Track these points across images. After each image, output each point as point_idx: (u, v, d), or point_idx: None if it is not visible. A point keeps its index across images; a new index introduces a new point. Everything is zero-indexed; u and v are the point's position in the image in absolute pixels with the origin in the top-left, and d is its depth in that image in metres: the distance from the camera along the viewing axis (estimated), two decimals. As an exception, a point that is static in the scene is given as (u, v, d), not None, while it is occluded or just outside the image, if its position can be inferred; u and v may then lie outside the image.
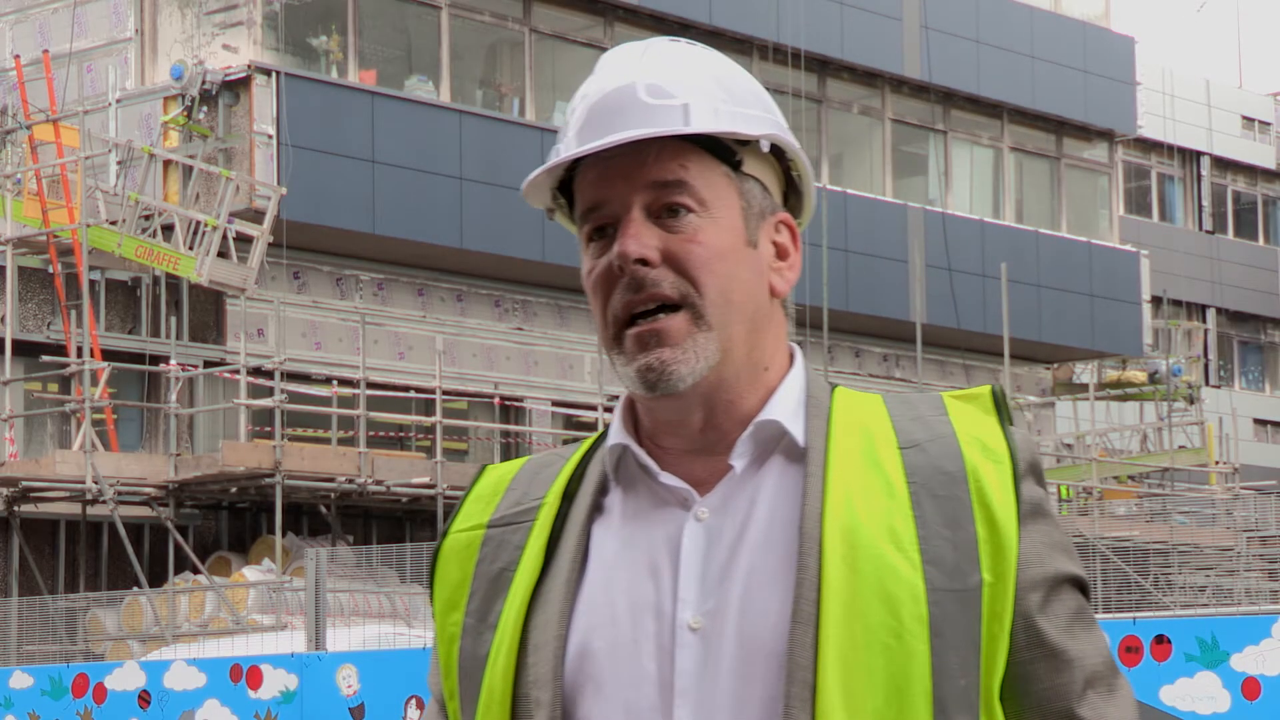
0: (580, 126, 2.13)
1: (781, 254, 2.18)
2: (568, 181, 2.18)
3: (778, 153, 2.19)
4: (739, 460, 2.12)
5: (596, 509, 2.17)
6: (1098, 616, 7.41)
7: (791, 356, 2.19)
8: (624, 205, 2.11)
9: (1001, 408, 2.18)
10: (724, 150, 2.13)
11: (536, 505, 2.20)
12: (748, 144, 2.15)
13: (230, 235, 21.76)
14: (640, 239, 2.09)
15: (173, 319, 22.85)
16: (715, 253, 2.11)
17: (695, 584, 2.09)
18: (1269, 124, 47.24)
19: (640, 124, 2.10)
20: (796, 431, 2.13)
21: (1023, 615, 2.10)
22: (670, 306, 2.10)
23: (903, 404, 2.19)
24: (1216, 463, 32.91)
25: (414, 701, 9.26)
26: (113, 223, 21.95)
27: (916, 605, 2.04)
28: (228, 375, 22.56)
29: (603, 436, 2.22)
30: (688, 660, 2.07)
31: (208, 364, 23.27)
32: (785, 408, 2.14)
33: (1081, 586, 2.15)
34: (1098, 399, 33.58)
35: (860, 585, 2.04)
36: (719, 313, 2.10)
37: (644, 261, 2.09)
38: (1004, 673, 2.10)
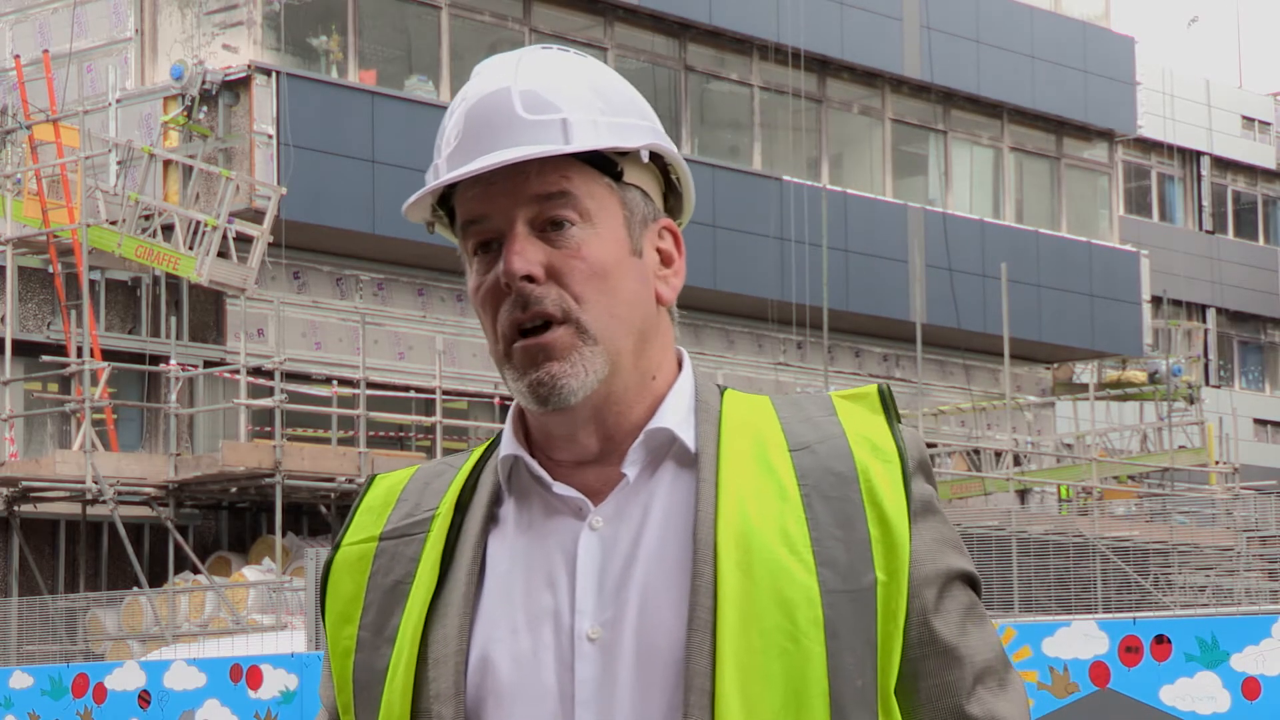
0: (459, 142, 2.12)
1: (666, 260, 2.18)
2: (446, 194, 2.17)
3: (656, 156, 2.18)
4: (631, 469, 2.12)
5: (491, 520, 2.16)
6: (1098, 616, 7.38)
7: (680, 362, 2.19)
8: (507, 220, 2.10)
9: (889, 406, 2.19)
10: (605, 163, 2.13)
11: (429, 517, 2.19)
12: (628, 154, 2.14)
13: (230, 235, 21.76)
14: (525, 255, 2.08)
15: (173, 319, 22.85)
16: (600, 267, 2.10)
17: (592, 594, 2.08)
18: (1269, 124, 47.23)
19: (520, 141, 2.09)
20: (687, 437, 2.13)
21: (917, 612, 2.11)
22: (557, 321, 2.09)
23: (791, 405, 2.19)
24: (1216, 463, 32.91)
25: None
26: (113, 223, 21.95)
27: (811, 608, 2.05)
28: (228, 375, 22.56)
29: (493, 445, 2.21)
30: (587, 671, 2.06)
31: (208, 364, 23.28)
32: (676, 414, 2.14)
33: (972, 582, 2.16)
34: (1098, 399, 33.57)
35: (755, 590, 2.04)
36: (604, 327, 2.09)
37: (530, 278, 2.08)
38: (897, 670, 2.11)
